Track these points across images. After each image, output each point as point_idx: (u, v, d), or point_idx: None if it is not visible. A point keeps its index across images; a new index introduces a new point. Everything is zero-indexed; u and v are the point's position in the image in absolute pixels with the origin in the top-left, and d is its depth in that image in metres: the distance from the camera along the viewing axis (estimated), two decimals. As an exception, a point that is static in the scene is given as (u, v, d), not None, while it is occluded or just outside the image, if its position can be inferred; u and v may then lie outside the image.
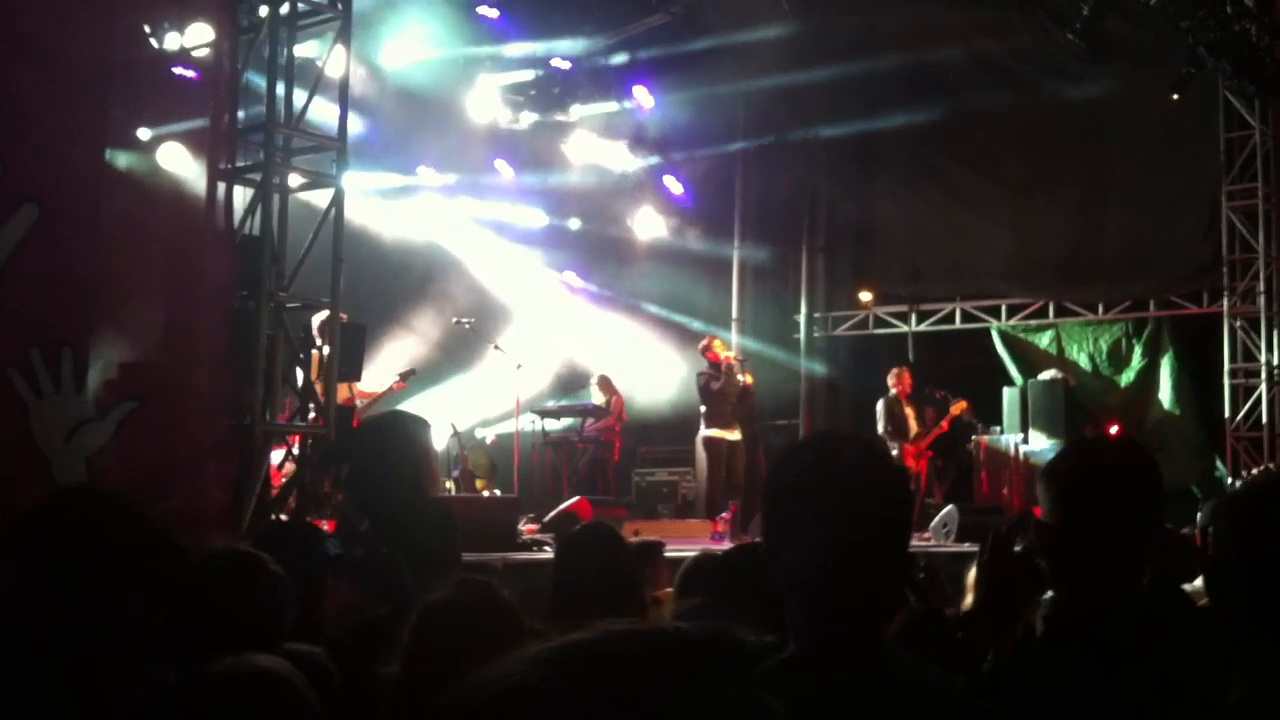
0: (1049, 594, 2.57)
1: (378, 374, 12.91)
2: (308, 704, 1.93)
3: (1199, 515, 4.92)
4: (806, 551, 1.95)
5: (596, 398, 15.07)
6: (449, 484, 13.42)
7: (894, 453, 12.86)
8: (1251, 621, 1.83)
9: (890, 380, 13.96)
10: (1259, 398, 14.43)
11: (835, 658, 1.91)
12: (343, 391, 11.25)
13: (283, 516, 8.98)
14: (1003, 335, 16.59)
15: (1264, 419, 14.32)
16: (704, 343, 12.89)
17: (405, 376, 13.04)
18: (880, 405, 13.88)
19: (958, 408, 13.99)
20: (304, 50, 10.33)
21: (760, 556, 3.35)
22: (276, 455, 9.93)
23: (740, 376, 12.60)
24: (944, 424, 13.91)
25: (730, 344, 14.90)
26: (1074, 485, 2.39)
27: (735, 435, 12.48)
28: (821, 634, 1.94)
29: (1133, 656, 2.27)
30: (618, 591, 3.73)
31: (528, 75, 16.63)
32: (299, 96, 9.79)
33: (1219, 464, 14.71)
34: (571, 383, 16.41)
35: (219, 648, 2.15)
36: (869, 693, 1.88)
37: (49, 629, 2.26)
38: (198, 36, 9.20)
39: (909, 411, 13.80)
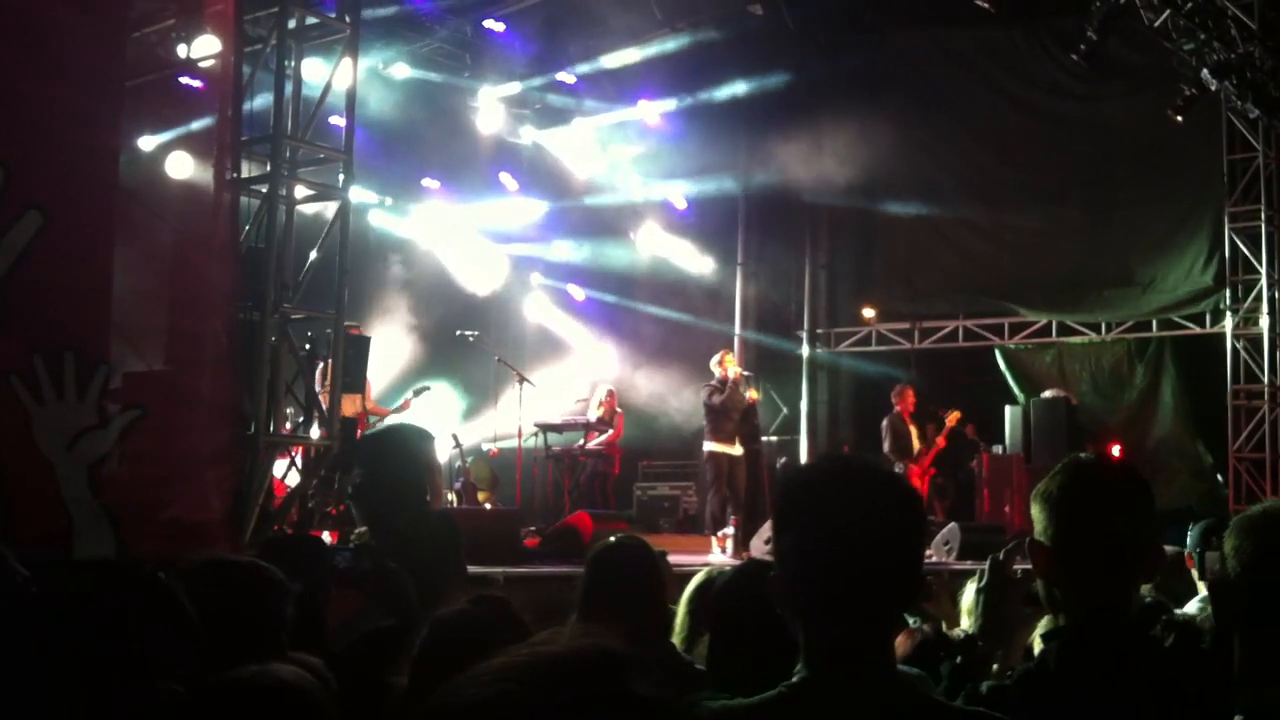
0: (1045, 616, 2.58)
1: (382, 386, 12.93)
2: (325, 717, 1.94)
3: (1189, 537, 4.93)
4: (810, 570, 1.96)
5: (599, 410, 15.06)
6: (451, 496, 13.42)
7: (899, 472, 12.87)
8: (1253, 639, 1.85)
9: (894, 398, 14.00)
10: (1261, 419, 14.42)
11: (840, 679, 1.92)
12: (355, 405, 11.28)
13: (286, 530, 8.98)
14: (1005, 354, 16.60)
15: (1266, 440, 14.32)
16: (716, 356, 12.91)
17: (418, 393, 13.13)
18: (885, 423, 13.91)
19: (952, 418, 14.00)
20: (311, 63, 10.37)
21: (767, 574, 3.37)
22: (280, 466, 9.94)
23: (745, 393, 12.62)
24: (940, 440, 13.92)
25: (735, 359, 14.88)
26: (1067, 505, 2.40)
27: (737, 450, 12.48)
28: (826, 653, 1.94)
29: (1128, 674, 2.28)
30: (647, 604, 3.75)
31: (532, 88, 16.67)
32: (306, 109, 9.82)
33: (1220, 484, 14.69)
34: (573, 396, 16.39)
35: (220, 656, 2.16)
36: (873, 714, 1.89)
37: (49, 640, 2.27)
38: (206, 48, 9.23)
39: (913, 430, 13.83)
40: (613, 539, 4.16)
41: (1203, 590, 4.66)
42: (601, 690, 1.00)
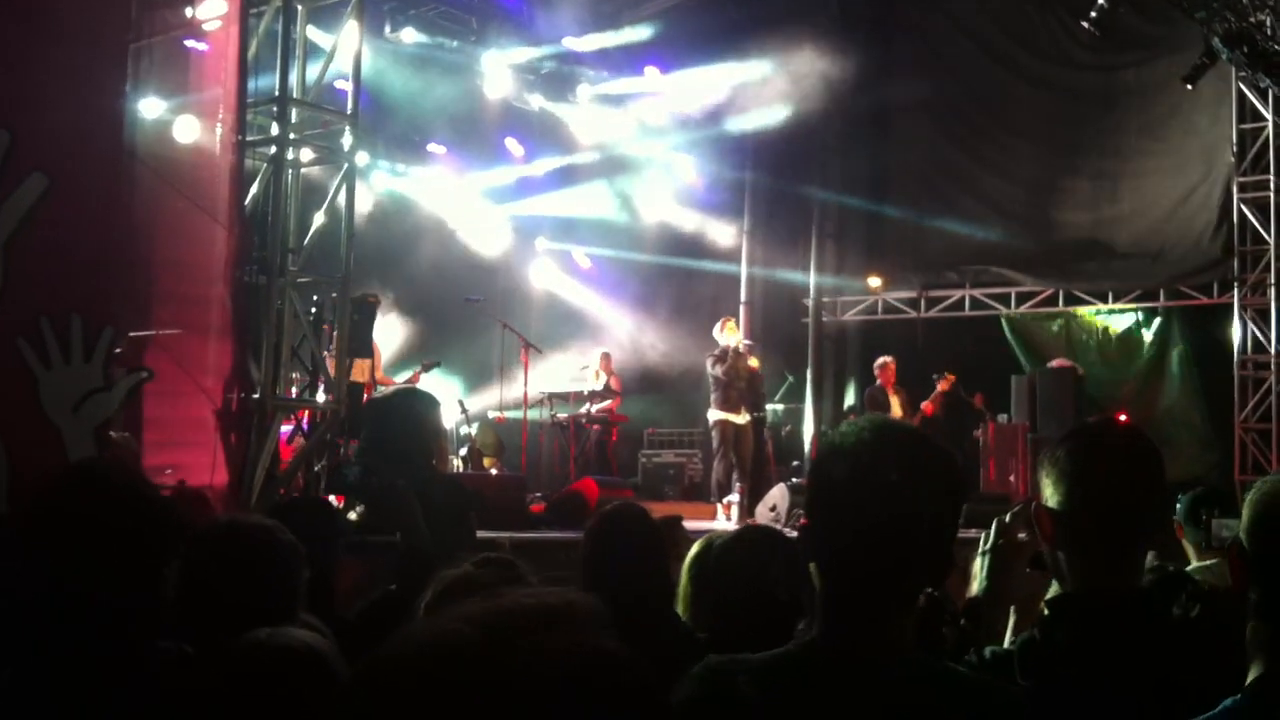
0: (1053, 580, 2.57)
1: (389, 352, 12.92)
2: (338, 680, 1.93)
3: (1178, 507, 4.92)
4: (838, 531, 1.95)
5: (596, 375, 15.07)
6: (457, 462, 13.44)
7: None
8: (1270, 607, 1.84)
9: (876, 370, 13.98)
10: (1269, 389, 14.39)
11: (848, 641, 1.92)
12: (364, 373, 11.28)
13: (293, 494, 8.99)
14: (1012, 323, 16.57)
15: (1273, 411, 14.28)
16: (718, 325, 12.92)
17: (427, 367, 13.14)
18: (866, 394, 13.93)
19: (945, 383, 13.90)
20: (317, 25, 10.33)
21: (765, 540, 3.36)
22: (286, 430, 9.95)
23: (749, 361, 12.61)
24: (927, 406, 13.81)
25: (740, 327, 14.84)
26: (1076, 469, 2.38)
27: (743, 418, 12.51)
28: (838, 617, 1.94)
29: (1137, 640, 2.28)
30: (647, 571, 3.75)
31: (539, 54, 16.59)
32: (312, 72, 9.79)
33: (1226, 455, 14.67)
34: (579, 363, 16.40)
35: (233, 618, 2.16)
36: (880, 678, 1.89)
37: (60, 602, 2.27)
38: (211, 10, 9.19)
39: (894, 400, 13.76)
40: (608, 507, 4.17)
41: (1194, 560, 4.66)
42: (556, 640, 1.01)
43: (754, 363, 12.85)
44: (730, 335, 12.74)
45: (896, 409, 13.62)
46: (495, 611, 1.03)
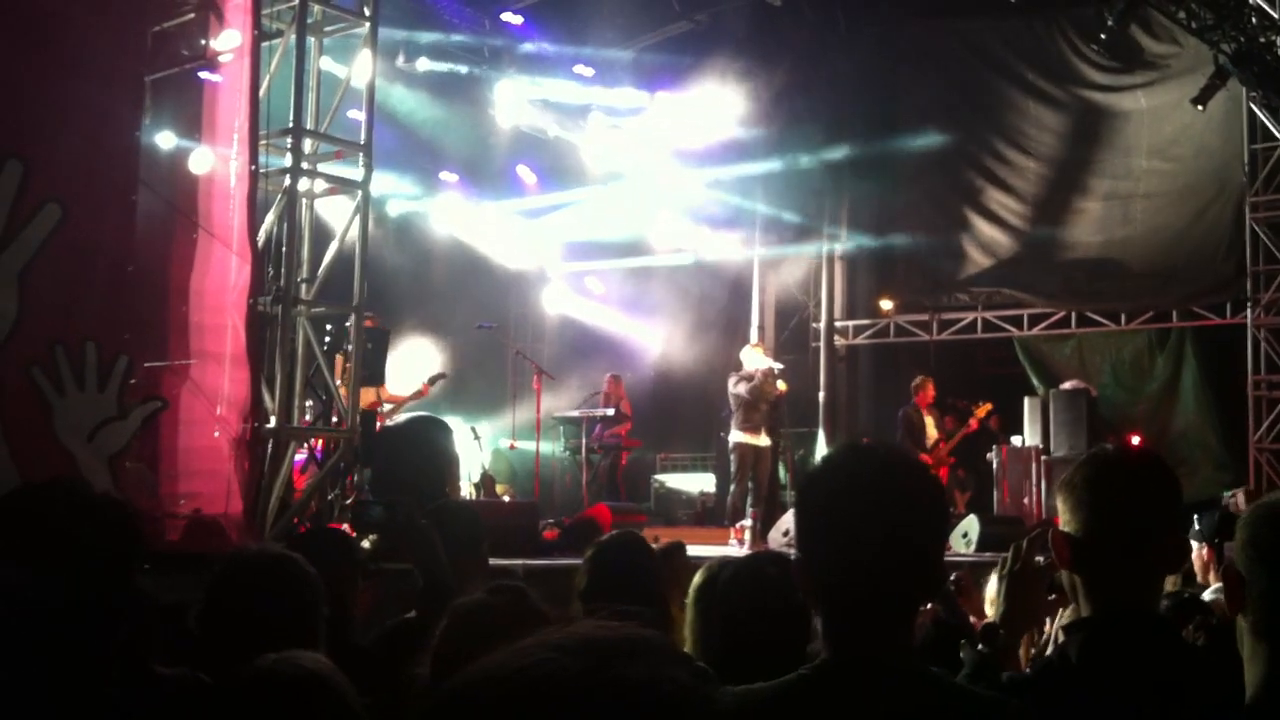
0: (1070, 605, 2.57)
1: (402, 378, 12.94)
2: (351, 707, 1.93)
3: (1202, 527, 4.89)
4: (826, 558, 1.97)
5: (605, 399, 15.07)
6: (470, 488, 13.44)
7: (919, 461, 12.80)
8: (1265, 626, 1.84)
9: (913, 391, 13.87)
10: (1283, 410, 14.36)
11: (858, 665, 1.92)
12: (369, 395, 11.27)
13: (305, 523, 8.98)
14: (1024, 345, 16.54)
15: (1287, 431, 14.25)
16: (746, 346, 12.93)
17: (433, 381, 13.09)
18: (900, 415, 13.83)
19: (983, 409, 13.91)
20: (330, 55, 10.38)
21: (774, 567, 3.36)
22: (300, 459, 9.95)
23: (778, 384, 12.60)
24: (973, 422, 13.81)
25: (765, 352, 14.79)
26: (1093, 495, 2.39)
27: (763, 441, 12.48)
28: (844, 641, 1.95)
29: (1151, 669, 2.27)
30: (642, 595, 3.74)
31: (550, 82, 16.65)
32: (325, 102, 9.84)
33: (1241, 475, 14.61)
34: (591, 387, 16.41)
35: (256, 648, 2.16)
36: (890, 701, 1.89)
37: (46, 626, 2.27)
38: (226, 43, 9.24)
39: (929, 420, 13.73)
40: (604, 537, 4.17)
41: (1213, 582, 4.63)
42: (640, 672, 1.01)
43: (782, 386, 12.82)
44: (762, 358, 12.71)
45: (932, 430, 13.57)
46: (582, 640, 1.04)
